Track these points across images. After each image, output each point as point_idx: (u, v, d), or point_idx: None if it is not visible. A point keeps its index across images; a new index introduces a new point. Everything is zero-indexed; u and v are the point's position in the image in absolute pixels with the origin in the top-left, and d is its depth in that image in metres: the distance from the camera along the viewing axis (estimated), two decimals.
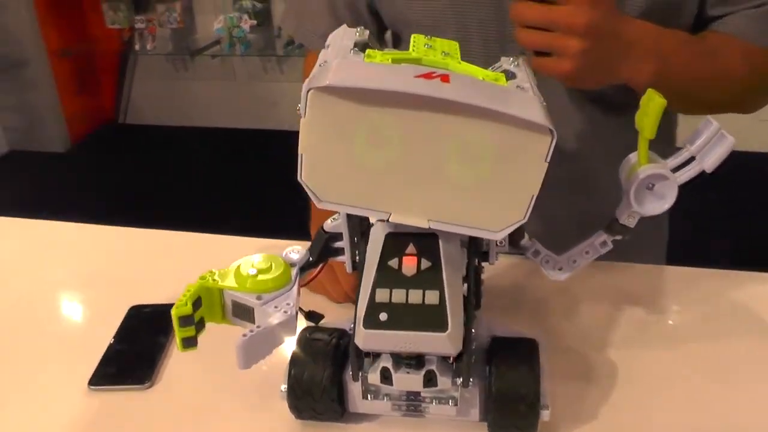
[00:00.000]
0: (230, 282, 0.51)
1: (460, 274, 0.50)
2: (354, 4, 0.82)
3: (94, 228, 0.92)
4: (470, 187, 0.44)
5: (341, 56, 0.44)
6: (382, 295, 0.48)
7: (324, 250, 0.56)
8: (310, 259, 0.55)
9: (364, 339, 0.48)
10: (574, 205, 0.81)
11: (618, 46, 0.64)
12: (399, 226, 0.49)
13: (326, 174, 0.45)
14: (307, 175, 0.45)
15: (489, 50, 0.74)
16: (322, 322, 0.58)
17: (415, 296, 0.48)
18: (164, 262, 0.83)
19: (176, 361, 0.66)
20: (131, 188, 2.96)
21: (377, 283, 0.49)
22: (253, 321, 0.50)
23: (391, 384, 0.51)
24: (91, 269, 0.83)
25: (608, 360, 0.62)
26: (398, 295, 0.48)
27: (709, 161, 0.50)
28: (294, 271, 0.53)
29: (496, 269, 0.61)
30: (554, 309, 0.70)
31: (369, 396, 0.53)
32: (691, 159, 0.51)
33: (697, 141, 0.51)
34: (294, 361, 0.54)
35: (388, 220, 0.46)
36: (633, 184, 0.50)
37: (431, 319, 0.47)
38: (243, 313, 0.51)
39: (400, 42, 0.83)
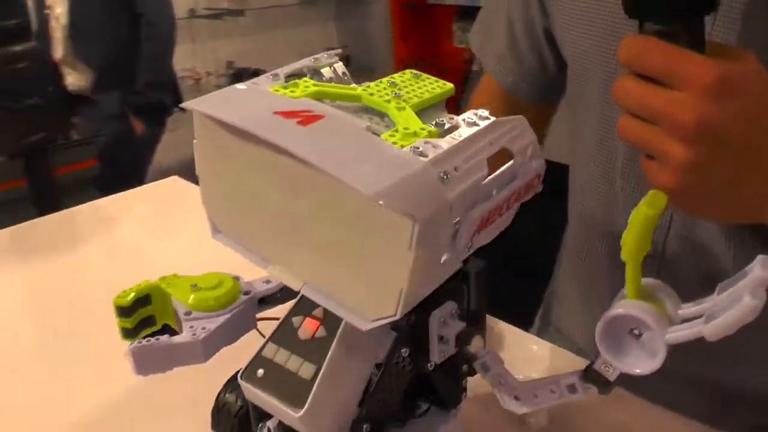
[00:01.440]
0: (179, 290, 0.51)
1: (368, 358, 0.42)
2: (532, 29, 0.72)
3: None
4: (335, 255, 0.37)
5: (247, 81, 0.40)
6: (269, 350, 0.43)
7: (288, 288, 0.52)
8: (278, 295, 0.52)
9: (243, 390, 0.44)
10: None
11: (759, 166, 0.41)
12: None
13: (221, 204, 0.41)
14: (205, 200, 0.42)
15: None
16: None
17: (294, 363, 0.41)
18: None
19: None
20: None
21: (272, 337, 0.44)
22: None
23: None
24: None
25: None
26: (281, 356, 0.42)
27: (713, 325, 0.33)
28: (240, 299, 0.50)
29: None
30: None
31: None
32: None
33: (730, 286, 0.34)
34: (227, 384, 0.51)
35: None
36: (601, 323, 0.36)
37: (295, 393, 0.40)
38: (178, 323, 0.50)
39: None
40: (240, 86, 0.39)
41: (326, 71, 0.43)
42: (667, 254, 0.57)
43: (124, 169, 1.94)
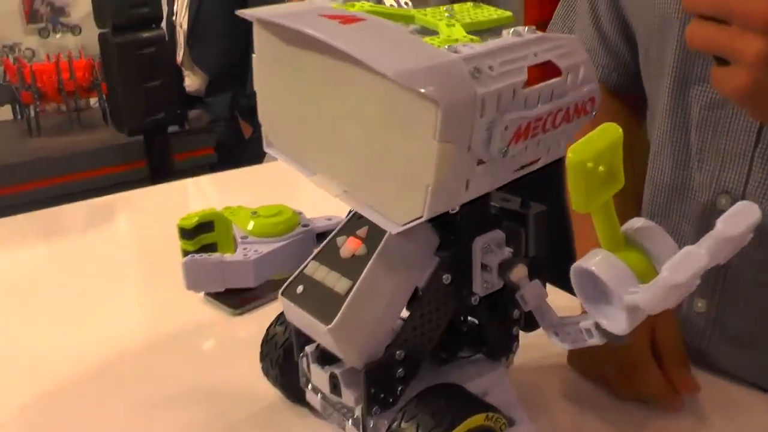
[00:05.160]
0: (240, 218, 0.52)
1: (407, 280, 0.41)
2: (618, 8, 0.66)
3: None
4: (369, 158, 0.36)
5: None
6: (312, 267, 0.43)
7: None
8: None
9: (283, 307, 0.44)
10: None
11: None
12: None
13: (274, 116, 0.43)
14: (262, 114, 0.43)
15: None
16: None
17: (331, 279, 0.41)
18: None
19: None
20: None
21: (316, 255, 0.44)
22: None
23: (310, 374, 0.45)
24: None
25: None
26: (321, 273, 0.42)
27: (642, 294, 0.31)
28: (298, 230, 0.51)
29: None
30: None
31: (308, 384, 0.48)
32: None
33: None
34: (277, 318, 0.52)
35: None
36: (572, 274, 0.33)
37: (327, 307, 0.40)
38: (236, 249, 0.52)
39: None
40: (297, 2, 0.40)
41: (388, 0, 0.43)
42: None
43: (237, 165, 2.04)
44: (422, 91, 0.31)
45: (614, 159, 0.30)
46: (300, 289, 0.43)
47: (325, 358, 0.44)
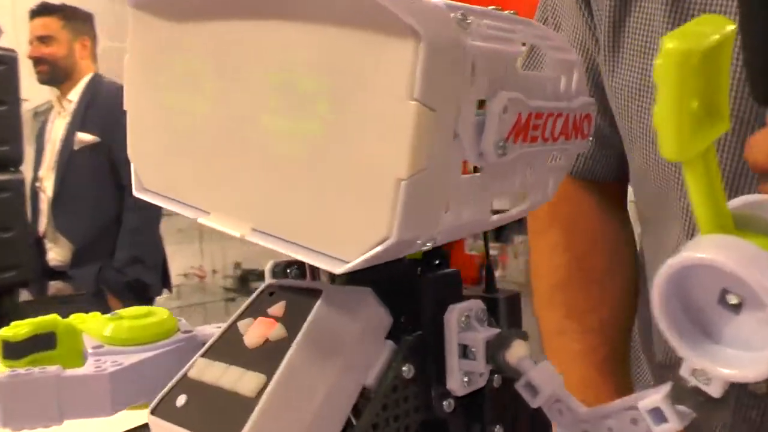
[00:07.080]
0: (93, 325, 0.37)
1: (350, 374, 0.27)
2: (601, 92, 0.56)
3: None
4: (296, 165, 0.24)
5: None
6: (198, 367, 0.28)
7: None
8: None
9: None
10: None
11: None
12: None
13: (149, 145, 0.30)
14: (132, 146, 0.30)
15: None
16: None
17: (230, 377, 0.27)
18: None
19: None
20: None
21: (206, 351, 0.29)
22: None
23: None
24: None
25: None
26: (214, 372, 0.27)
27: None
28: (176, 337, 0.36)
29: None
30: None
31: None
32: None
33: None
34: None
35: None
36: (657, 286, 0.21)
37: (226, 417, 0.25)
38: None
39: None
40: None
41: None
42: None
43: None
44: (399, 15, 0.20)
45: (718, 81, 0.19)
46: (181, 400, 0.27)
47: None
